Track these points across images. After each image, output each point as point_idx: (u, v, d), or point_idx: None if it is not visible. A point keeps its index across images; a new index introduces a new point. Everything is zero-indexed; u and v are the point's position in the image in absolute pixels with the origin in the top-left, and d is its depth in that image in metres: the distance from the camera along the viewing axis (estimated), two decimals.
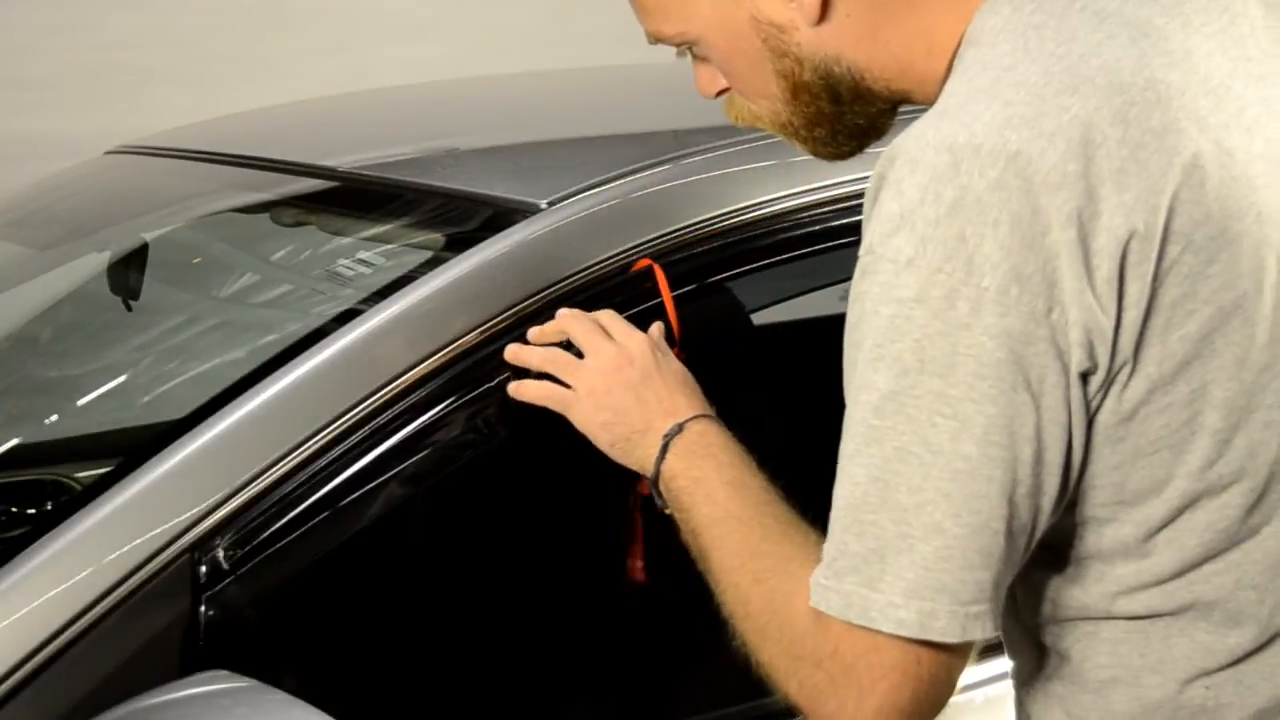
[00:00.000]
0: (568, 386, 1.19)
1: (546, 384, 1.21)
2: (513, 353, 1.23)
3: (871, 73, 1.01)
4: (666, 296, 1.30)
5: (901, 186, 0.87)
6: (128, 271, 1.83)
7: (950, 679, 0.91)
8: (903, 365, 0.86)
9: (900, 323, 0.86)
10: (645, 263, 1.32)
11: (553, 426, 2.36)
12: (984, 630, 0.88)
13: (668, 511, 1.12)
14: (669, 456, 1.11)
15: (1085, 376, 0.87)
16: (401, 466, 1.22)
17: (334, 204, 1.64)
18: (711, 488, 1.08)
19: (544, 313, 1.28)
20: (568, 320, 1.22)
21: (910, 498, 0.87)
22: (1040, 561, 0.96)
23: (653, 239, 1.35)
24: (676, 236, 1.36)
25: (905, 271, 0.86)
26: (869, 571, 0.88)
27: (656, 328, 1.23)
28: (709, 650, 1.85)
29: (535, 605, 2.22)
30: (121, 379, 1.77)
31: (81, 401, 1.79)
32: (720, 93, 1.09)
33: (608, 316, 1.22)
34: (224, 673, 1.09)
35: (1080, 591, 0.97)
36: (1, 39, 3.66)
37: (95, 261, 1.91)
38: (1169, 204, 0.86)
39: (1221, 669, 0.95)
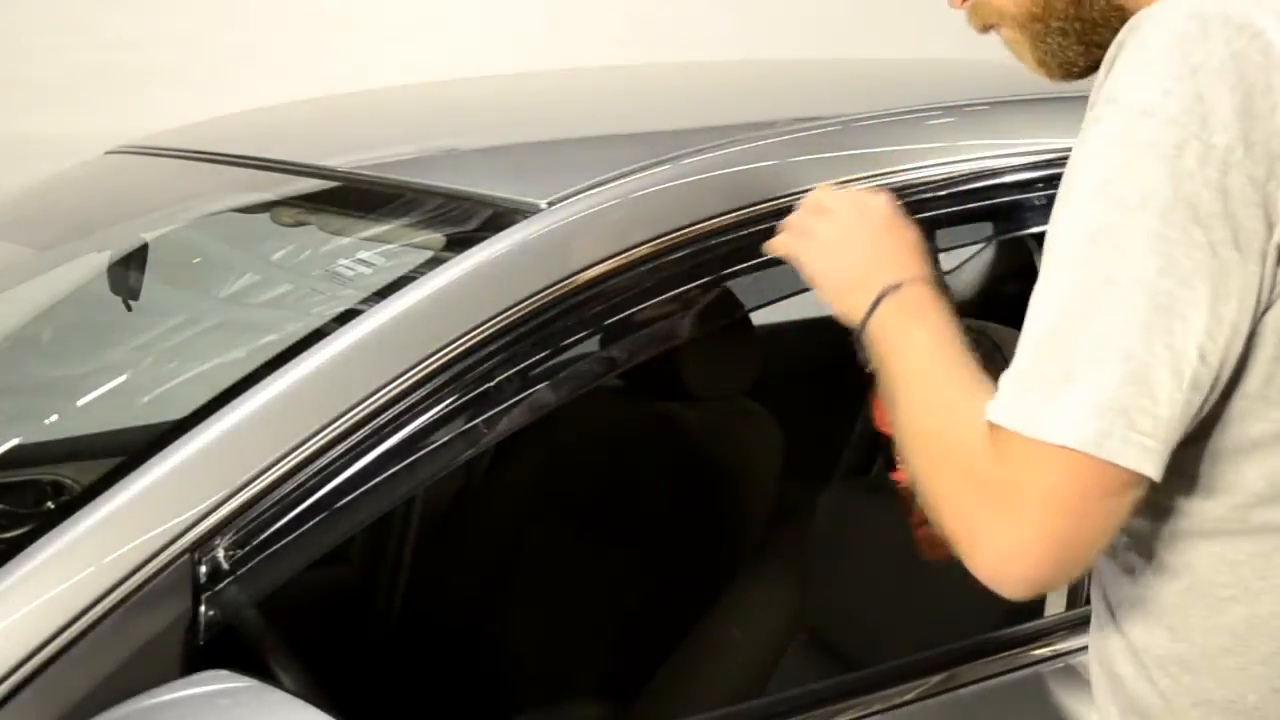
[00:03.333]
0: None
1: (789, 238, 1.26)
2: (769, 243, 1.29)
3: None
4: None
5: (1148, 44, 0.94)
6: (128, 271, 1.83)
7: (1106, 521, 0.94)
8: (1125, 203, 0.92)
9: (1129, 164, 0.93)
10: None
11: (552, 427, 2.36)
12: (1152, 465, 0.92)
13: (869, 368, 1.16)
14: (880, 308, 1.15)
15: None
16: (401, 467, 1.22)
17: (334, 204, 1.64)
18: (915, 341, 1.11)
19: (544, 313, 1.29)
20: (819, 192, 1.27)
21: (1109, 324, 0.92)
22: (1171, 468, 0.98)
23: (653, 239, 1.35)
24: (676, 236, 1.36)
25: (1142, 119, 0.93)
26: (1053, 390, 0.92)
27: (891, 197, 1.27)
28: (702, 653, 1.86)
29: (534, 603, 2.23)
30: (121, 379, 1.76)
31: (81, 401, 1.79)
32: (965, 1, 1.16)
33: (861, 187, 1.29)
34: (224, 673, 1.09)
35: (1214, 504, 1.00)
36: (1, 39, 3.66)
37: (95, 261, 1.91)
38: None
39: None
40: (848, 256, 1.21)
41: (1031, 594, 0.96)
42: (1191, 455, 1.00)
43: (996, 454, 0.95)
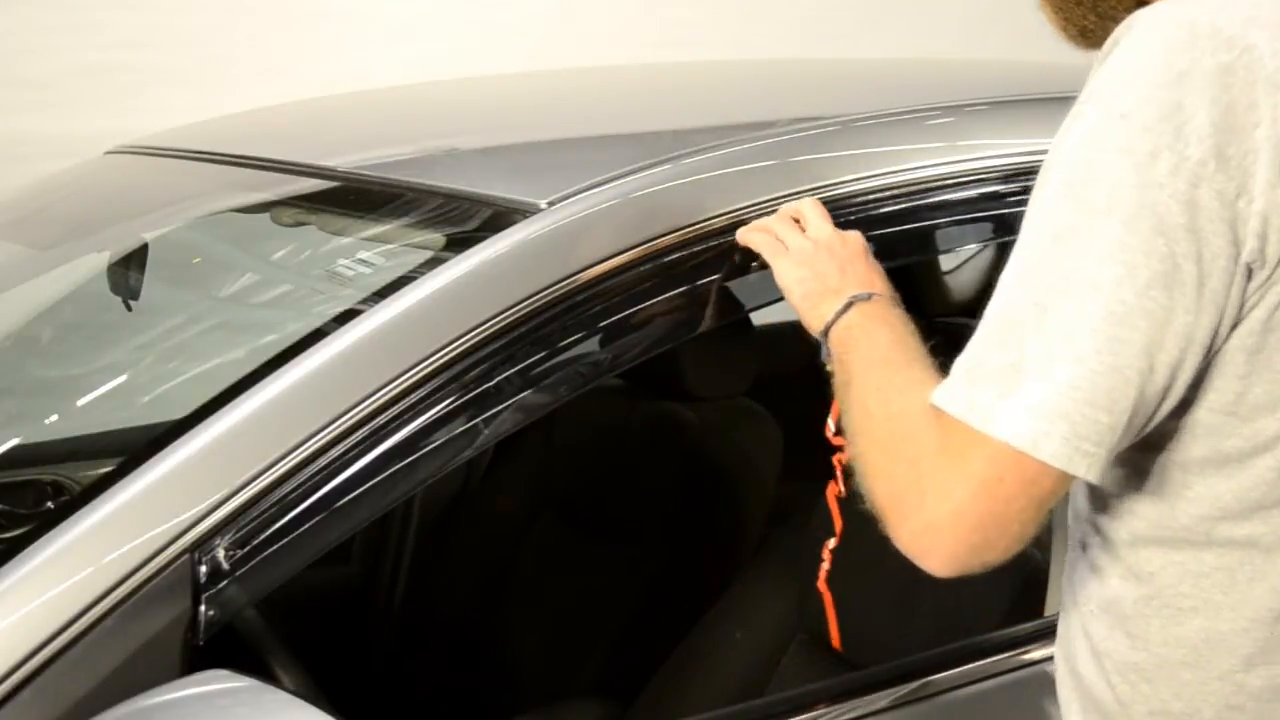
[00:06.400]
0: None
1: (768, 236, 1.34)
2: (743, 231, 1.36)
3: None
4: None
5: (1136, 47, 0.94)
6: (128, 271, 1.83)
7: (1026, 513, 0.95)
8: (1091, 205, 0.92)
9: (1100, 168, 0.93)
10: None
11: (552, 427, 2.36)
12: (1087, 469, 0.93)
13: (830, 367, 1.19)
14: (850, 311, 1.20)
15: (1251, 271, 0.93)
16: (401, 467, 1.22)
17: (334, 204, 1.64)
18: (876, 338, 1.15)
19: (544, 313, 1.29)
20: (806, 203, 1.36)
21: (1062, 325, 0.92)
22: (1142, 473, 1.00)
23: (652, 239, 1.35)
24: (676, 236, 1.36)
25: (1118, 122, 0.92)
26: (1002, 384, 0.93)
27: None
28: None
29: (534, 603, 2.23)
30: (121, 379, 1.76)
31: (81, 401, 1.79)
32: None
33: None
34: (224, 672, 1.08)
35: (1182, 514, 1.00)
36: (1, 39, 3.66)
37: (95, 261, 1.91)
38: None
39: None
40: (822, 269, 1.26)
41: (950, 572, 0.97)
42: (1164, 463, 1.00)
43: (940, 437, 0.96)
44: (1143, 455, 1.00)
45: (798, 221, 1.35)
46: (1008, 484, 0.93)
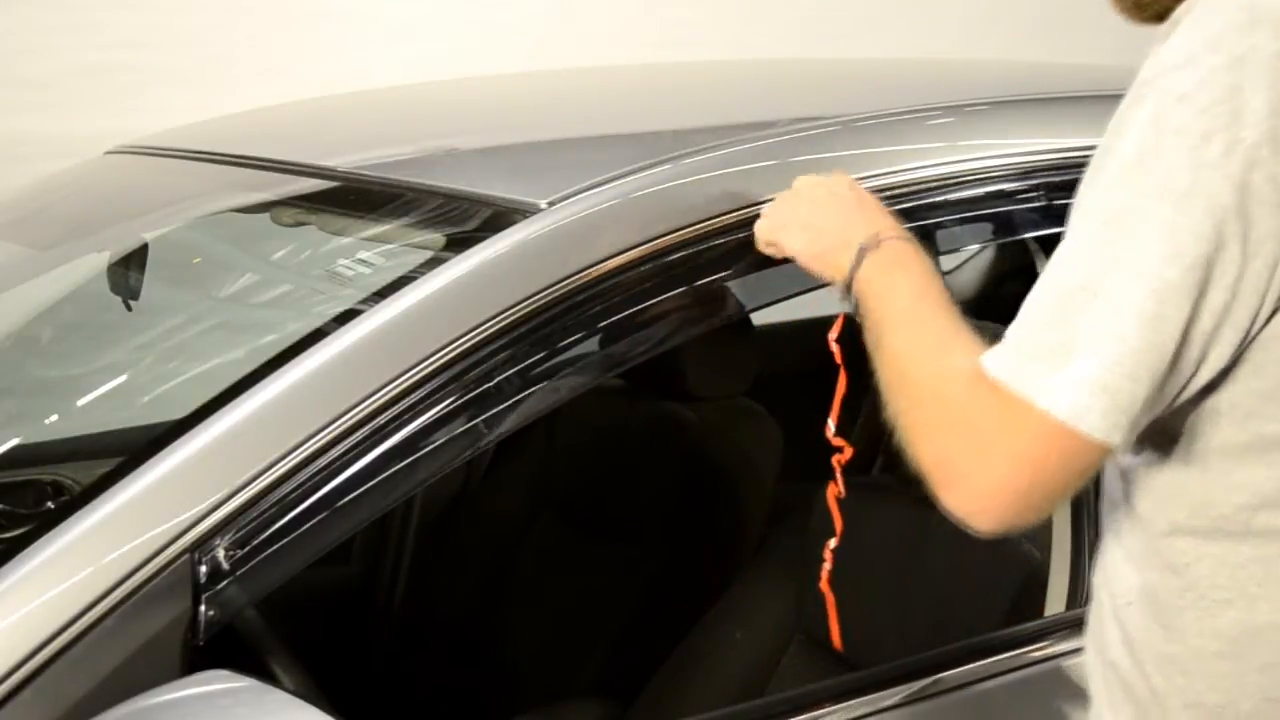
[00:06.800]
0: None
1: (768, 224, 1.35)
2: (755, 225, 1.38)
3: None
4: None
5: (1196, 29, 0.95)
6: (128, 271, 1.83)
7: (1067, 481, 0.98)
8: (1144, 188, 0.94)
9: (1157, 150, 0.94)
10: None
11: (553, 427, 2.35)
12: (1121, 438, 0.95)
13: (858, 318, 1.21)
14: (863, 264, 1.21)
15: None
16: (401, 467, 1.22)
17: (334, 204, 1.64)
18: (897, 291, 1.16)
19: (544, 313, 1.29)
20: (798, 180, 1.36)
21: (1110, 304, 0.94)
22: (1182, 461, 1.02)
23: (653, 239, 1.35)
24: (676, 236, 1.36)
25: (1175, 104, 0.94)
26: (1053, 361, 0.96)
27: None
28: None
29: (534, 603, 2.23)
30: (121, 379, 1.77)
31: (81, 401, 1.79)
32: None
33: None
34: (224, 672, 1.08)
35: (1221, 502, 1.01)
36: (1, 39, 3.66)
37: (95, 261, 1.91)
38: None
39: None
40: (822, 225, 1.27)
41: (995, 532, 1.00)
42: (1204, 451, 1.01)
43: (986, 402, 0.98)
44: (1183, 443, 1.02)
45: None
46: (1052, 457, 0.96)
